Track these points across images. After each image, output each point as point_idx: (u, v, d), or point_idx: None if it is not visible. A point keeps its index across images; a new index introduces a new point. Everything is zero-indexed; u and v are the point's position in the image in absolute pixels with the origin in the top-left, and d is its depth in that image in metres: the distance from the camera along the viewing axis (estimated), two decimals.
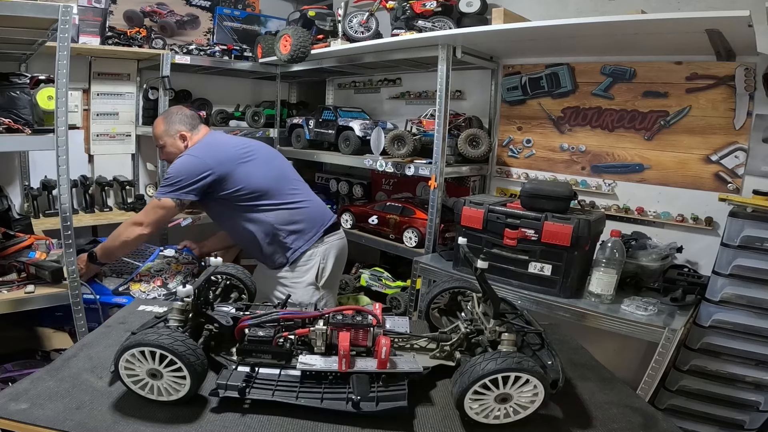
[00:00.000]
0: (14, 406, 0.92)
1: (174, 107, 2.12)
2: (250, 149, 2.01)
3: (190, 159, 1.89)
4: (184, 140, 2.01)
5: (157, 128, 2.02)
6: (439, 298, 1.35)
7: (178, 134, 2.00)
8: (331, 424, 0.93)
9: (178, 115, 2.04)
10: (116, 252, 1.92)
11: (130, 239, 1.88)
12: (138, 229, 1.87)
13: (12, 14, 1.44)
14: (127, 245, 1.91)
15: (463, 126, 2.51)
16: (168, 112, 2.09)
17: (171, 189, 1.85)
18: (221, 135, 2.16)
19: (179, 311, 1.05)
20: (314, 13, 2.61)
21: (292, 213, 1.98)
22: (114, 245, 1.89)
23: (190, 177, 1.84)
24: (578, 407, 1.05)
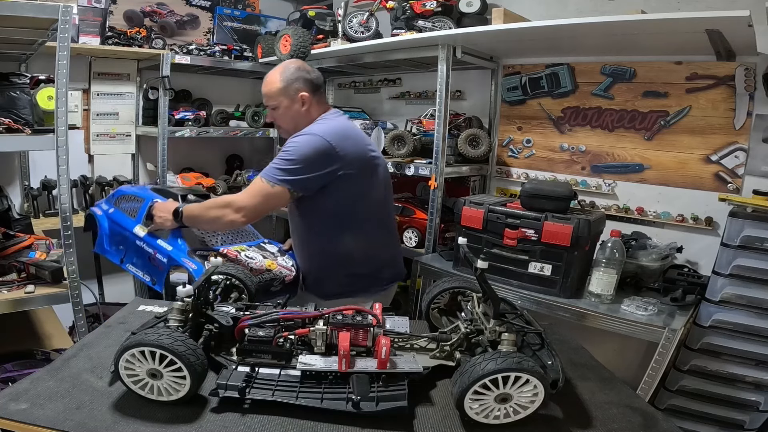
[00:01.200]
0: (14, 406, 0.92)
1: (292, 61, 1.73)
2: (376, 151, 1.67)
3: (319, 141, 1.51)
4: (304, 104, 1.64)
5: (272, 85, 1.65)
6: (439, 298, 1.35)
7: (299, 95, 1.63)
8: (331, 424, 0.93)
9: (301, 71, 1.66)
10: (201, 225, 1.69)
11: (220, 222, 1.59)
12: (234, 215, 1.55)
13: (12, 14, 1.45)
14: (213, 225, 1.66)
15: (463, 126, 2.51)
16: (285, 65, 1.69)
17: (290, 174, 1.49)
18: (348, 121, 1.75)
19: (179, 311, 1.05)
20: (314, 13, 2.61)
21: (379, 249, 1.70)
22: (202, 218, 1.62)
23: (317, 164, 1.50)
24: (578, 407, 1.05)
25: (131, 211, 1.80)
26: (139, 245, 1.73)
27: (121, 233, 1.80)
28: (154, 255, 1.68)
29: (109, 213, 1.88)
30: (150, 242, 1.70)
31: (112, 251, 1.86)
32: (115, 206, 1.88)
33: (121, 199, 1.88)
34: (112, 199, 1.93)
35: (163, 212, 1.65)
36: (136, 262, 1.77)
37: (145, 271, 1.74)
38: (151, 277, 1.72)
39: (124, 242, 1.81)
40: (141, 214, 1.74)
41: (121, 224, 1.79)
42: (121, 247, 1.82)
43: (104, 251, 1.89)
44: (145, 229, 1.71)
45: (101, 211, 1.94)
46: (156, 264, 1.69)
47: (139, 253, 1.74)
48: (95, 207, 1.99)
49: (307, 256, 1.74)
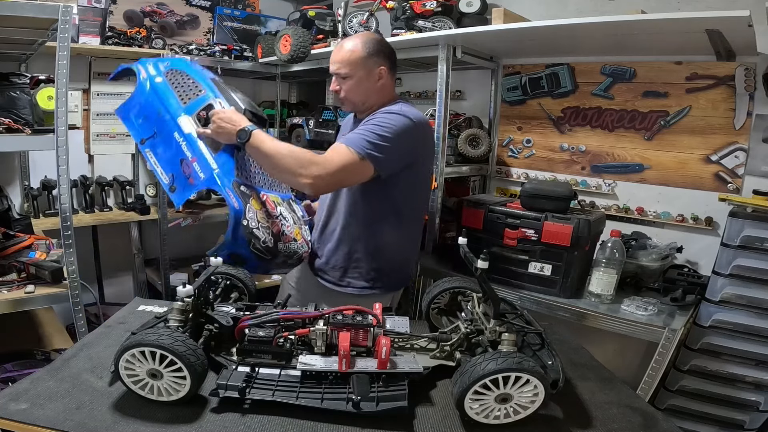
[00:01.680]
0: (14, 406, 0.92)
1: (372, 33, 1.60)
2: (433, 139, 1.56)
3: (412, 125, 1.41)
4: (380, 79, 1.50)
5: (351, 53, 1.48)
6: (439, 298, 1.35)
7: (379, 69, 1.49)
8: (331, 424, 0.93)
9: (383, 44, 1.51)
10: (263, 162, 1.41)
11: (288, 177, 1.39)
12: (307, 180, 1.34)
13: (12, 14, 1.45)
14: (277, 173, 1.41)
15: (463, 126, 2.51)
16: (367, 35, 1.54)
17: (381, 152, 1.35)
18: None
19: (179, 311, 1.05)
20: (314, 13, 2.61)
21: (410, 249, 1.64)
22: (271, 158, 1.36)
23: (406, 148, 1.40)
24: (578, 407, 1.05)
25: (184, 93, 1.47)
26: (176, 139, 1.42)
27: (159, 112, 1.45)
28: (191, 162, 1.38)
29: (155, 81, 1.51)
30: (193, 145, 1.39)
31: (136, 124, 1.51)
32: (166, 77, 1.52)
33: (175, 74, 1.53)
34: (163, 66, 1.55)
35: (226, 122, 1.37)
36: (162, 154, 1.46)
37: (169, 170, 1.45)
38: (173, 182, 1.43)
39: (157, 123, 1.46)
40: (195, 106, 1.43)
41: (165, 102, 1.45)
42: (150, 126, 1.47)
43: (126, 118, 1.54)
44: (193, 125, 1.40)
45: (146, 72, 1.54)
46: (187, 173, 1.39)
47: (171, 148, 1.43)
48: (140, 63, 1.58)
49: (339, 240, 1.57)
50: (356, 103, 1.54)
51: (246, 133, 1.35)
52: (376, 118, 1.43)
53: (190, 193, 1.41)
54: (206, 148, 1.39)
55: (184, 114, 1.43)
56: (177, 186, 1.43)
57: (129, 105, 1.53)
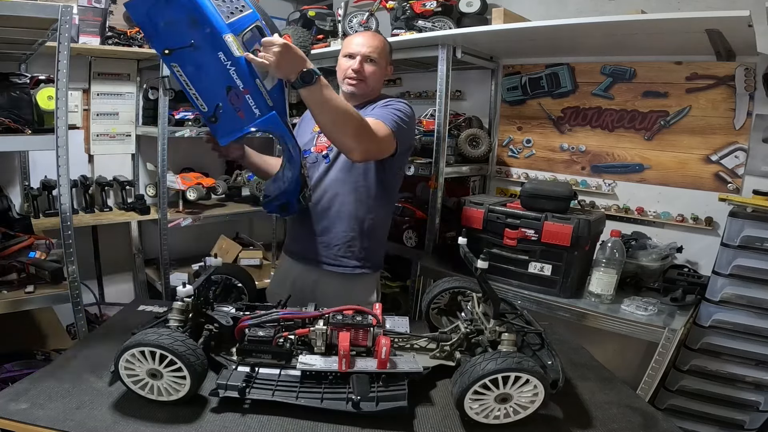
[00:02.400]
0: (14, 406, 0.92)
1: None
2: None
3: (411, 112, 1.55)
4: (386, 76, 1.65)
5: (382, 43, 1.60)
6: (439, 298, 1.35)
7: (390, 67, 1.65)
8: (331, 424, 0.93)
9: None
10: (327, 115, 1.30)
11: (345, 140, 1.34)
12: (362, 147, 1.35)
13: (12, 14, 1.44)
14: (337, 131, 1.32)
15: (463, 126, 2.51)
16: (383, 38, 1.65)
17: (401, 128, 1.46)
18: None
19: (179, 311, 1.05)
20: (314, 13, 2.61)
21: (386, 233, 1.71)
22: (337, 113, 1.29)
23: (411, 130, 1.55)
24: (578, 407, 1.05)
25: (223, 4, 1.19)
26: (221, 60, 1.17)
27: (194, 20, 1.14)
28: (243, 93, 1.19)
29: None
30: (244, 73, 1.17)
31: (158, 26, 1.17)
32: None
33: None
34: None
35: (294, 55, 1.19)
36: (197, 74, 1.20)
37: (209, 98, 1.22)
38: (215, 112, 1.22)
39: (193, 34, 1.16)
40: (240, 25, 1.18)
41: (204, 10, 1.14)
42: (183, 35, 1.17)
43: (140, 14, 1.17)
44: (241, 48, 1.17)
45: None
46: (236, 105, 1.20)
47: (212, 70, 1.18)
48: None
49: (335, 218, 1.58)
50: (370, 87, 1.60)
51: (313, 75, 1.21)
52: (391, 104, 1.52)
53: (239, 131, 1.22)
54: (260, 81, 1.19)
55: (229, 33, 1.15)
56: (220, 118, 1.22)
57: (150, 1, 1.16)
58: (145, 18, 1.17)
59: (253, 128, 1.22)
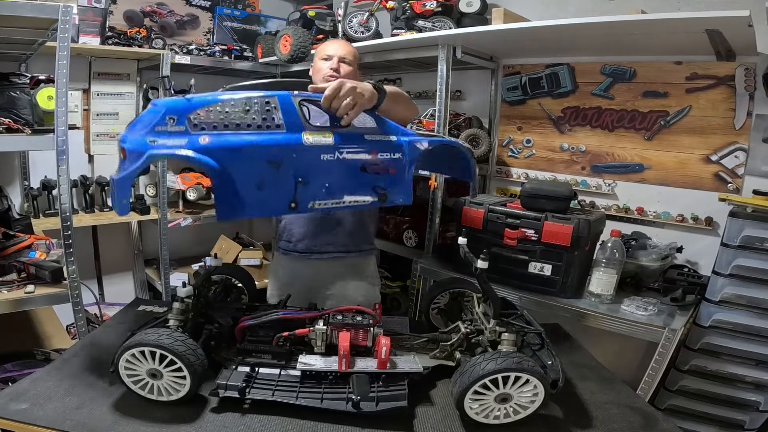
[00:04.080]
0: (14, 406, 0.92)
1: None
2: None
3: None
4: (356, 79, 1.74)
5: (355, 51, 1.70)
6: (439, 298, 1.35)
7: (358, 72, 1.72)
8: (331, 424, 0.93)
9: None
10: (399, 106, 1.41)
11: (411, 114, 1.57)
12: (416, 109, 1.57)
13: (12, 14, 1.44)
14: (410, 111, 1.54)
15: (463, 126, 2.51)
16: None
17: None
18: None
19: (179, 311, 1.05)
20: (314, 13, 2.61)
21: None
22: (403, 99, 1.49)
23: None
24: (578, 407, 1.05)
25: (259, 122, 1.05)
26: (327, 161, 1.09)
27: (271, 161, 1.05)
28: (373, 155, 1.13)
29: (203, 144, 1.01)
30: (357, 143, 1.11)
31: (258, 201, 1.07)
32: (204, 131, 1.03)
33: (209, 116, 1.05)
34: (176, 122, 1.02)
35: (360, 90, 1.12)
36: (332, 188, 1.12)
37: (358, 190, 1.14)
38: (378, 192, 1.16)
39: (282, 173, 1.07)
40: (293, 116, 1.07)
41: (260, 145, 1.04)
42: (284, 181, 1.07)
43: (242, 209, 1.06)
44: (326, 134, 1.08)
45: (181, 148, 1.00)
46: (380, 169, 1.14)
47: (334, 172, 1.10)
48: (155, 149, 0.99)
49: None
50: None
51: (380, 86, 1.20)
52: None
53: (408, 178, 1.18)
54: (370, 134, 1.14)
55: (301, 134, 1.07)
56: (387, 190, 1.16)
57: (224, 199, 1.05)
58: (243, 206, 1.06)
59: (412, 169, 1.19)
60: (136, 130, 1.01)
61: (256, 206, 1.07)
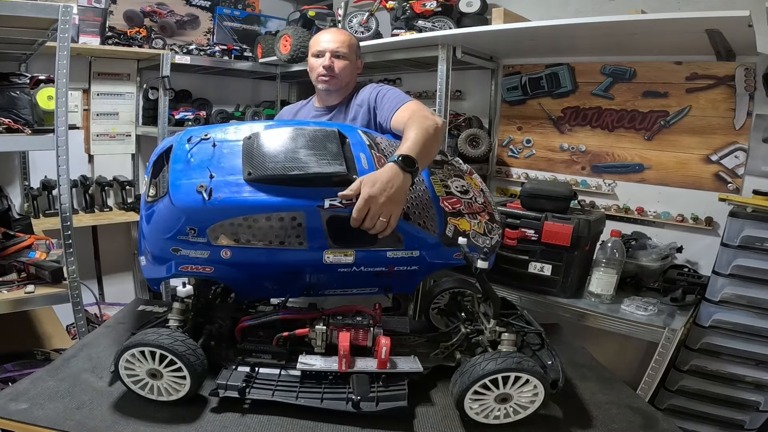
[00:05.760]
0: (14, 406, 0.92)
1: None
2: None
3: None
4: (358, 69, 1.66)
5: (348, 37, 1.60)
6: (439, 298, 1.35)
7: (359, 61, 1.66)
8: (331, 424, 0.93)
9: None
10: (431, 154, 1.21)
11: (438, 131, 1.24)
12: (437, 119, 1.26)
13: (12, 14, 1.44)
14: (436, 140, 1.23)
15: (463, 126, 2.51)
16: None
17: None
18: None
19: (179, 311, 1.05)
20: (314, 13, 2.61)
21: None
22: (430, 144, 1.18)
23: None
24: (578, 407, 1.05)
25: (284, 240, 1.02)
26: (341, 272, 1.10)
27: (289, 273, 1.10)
28: (390, 270, 1.12)
29: (225, 258, 1.03)
30: (376, 260, 1.10)
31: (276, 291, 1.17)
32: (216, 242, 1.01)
33: (231, 230, 1.00)
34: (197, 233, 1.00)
35: (393, 196, 1.02)
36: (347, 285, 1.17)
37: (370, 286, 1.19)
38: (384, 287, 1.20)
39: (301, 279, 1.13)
40: (317, 234, 1.03)
41: (283, 263, 1.06)
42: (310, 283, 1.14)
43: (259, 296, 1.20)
44: (348, 252, 1.06)
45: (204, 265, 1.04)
46: (392, 274, 1.14)
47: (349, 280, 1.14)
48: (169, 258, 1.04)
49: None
50: (344, 81, 1.59)
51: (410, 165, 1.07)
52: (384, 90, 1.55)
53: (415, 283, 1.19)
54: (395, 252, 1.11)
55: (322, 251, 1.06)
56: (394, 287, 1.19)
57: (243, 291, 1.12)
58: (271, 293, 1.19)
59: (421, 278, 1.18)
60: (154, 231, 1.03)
61: (272, 293, 1.18)
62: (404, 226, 1.08)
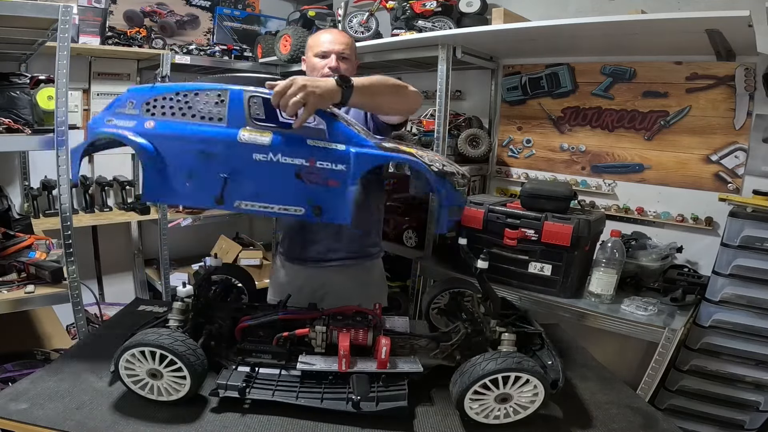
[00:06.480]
0: (14, 406, 0.92)
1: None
2: None
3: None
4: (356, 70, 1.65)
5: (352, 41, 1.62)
6: (439, 298, 1.35)
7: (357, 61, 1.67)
8: (331, 424, 0.93)
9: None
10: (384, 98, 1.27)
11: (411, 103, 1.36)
12: (406, 84, 1.35)
13: (12, 14, 1.44)
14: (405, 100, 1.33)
15: (463, 126, 2.51)
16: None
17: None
18: None
19: (179, 311, 1.05)
20: (314, 13, 2.61)
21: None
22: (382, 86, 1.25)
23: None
24: (578, 407, 1.05)
25: (204, 114, 1.06)
26: (262, 161, 1.04)
27: (203, 152, 1.05)
28: (312, 165, 1.04)
29: (147, 129, 1.07)
30: (292, 146, 1.04)
31: (186, 191, 1.08)
32: (154, 116, 1.08)
33: (159, 104, 1.08)
34: (132, 106, 1.09)
35: (317, 82, 1.06)
36: (261, 191, 1.07)
37: (288, 199, 1.08)
38: (312, 204, 1.07)
39: (212, 167, 1.06)
40: (237, 111, 1.06)
41: (196, 136, 1.05)
42: (214, 175, 1.06)
43: (166, 195, 1.11)
44: (265, 133, 1.04)
45: (125, 129, 1.08)
46: (317, 179, 1.05)
47: (266, 175, 1.05)
48: (104, 129, 1.11)
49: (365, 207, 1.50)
50: None
51: (346, 81, 1.09)
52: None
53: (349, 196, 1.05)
54: (313, 139, 1.05)
55: (239, 130, 1.04)
56: (321, 203, 1.07)
57: (152, 182, 1.09)
58: (166, 193, 1.10)
59: (353, 185, 1.05)
60: (105, 111, 1.11)
61: (182, 195, 1.09)
62: (328, 120, 1.07)
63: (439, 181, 1.06)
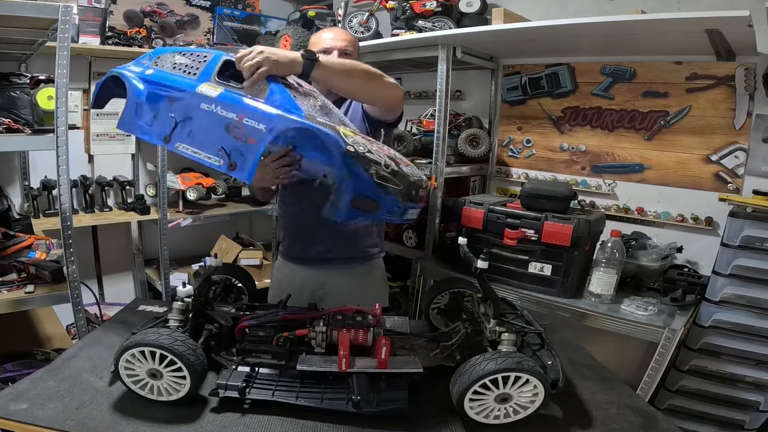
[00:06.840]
0: (14, 406, 0.92)
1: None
2: None
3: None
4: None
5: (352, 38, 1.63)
6: (439, 298, 1.35)
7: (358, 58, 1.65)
8: (331, 424, 0.93)
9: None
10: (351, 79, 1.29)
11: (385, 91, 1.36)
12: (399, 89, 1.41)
13: (12, 14, 1.44)
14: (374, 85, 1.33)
15: (463, 126, 2.51)
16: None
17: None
18: None
19: (179, 311, 1.05)
20: (314, 13, 2.61)
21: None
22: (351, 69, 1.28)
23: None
24: (578, 407, 1.05)
25: (187, 68, 1.23)
26: (205, 110, 1.16)
27: (169, 97, 1.20)
28: (240, 121, 1.12)
29: (146, 74, 1.26)
30: (231, 102, 1.13)
31: (148, 126, 1.23)
32: (156, 67, 1.28)
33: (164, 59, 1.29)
34: (146, 59, 1.32)
35: (276, 51, 1.16)
36: (197, 137, 1.18)
37: (215, 149, 1.15)
38: (229, 157, 1.14)
39: (172, 110, 1.19)
40: (208, 71, 1.20)
41: (171, 85, 1.20)
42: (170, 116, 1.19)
43: (133, 128, 1.26)
44: (218, 88, 1.16)
45: (131, 72, 1.29)
46: (241, 135, 1.13)
47: (204, 123, 1.16)
48: (119, 69, 1.32)
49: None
50: None
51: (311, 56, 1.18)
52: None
53: (257, 155, 1.10)
54: (250, 98, 1.13)
55: (201, 84, 1.17)
56: (238, 160, 1.13)
57: (129, 113, 1.25)
58: (136, 126, 1.24)
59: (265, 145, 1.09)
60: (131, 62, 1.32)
61: (145, 130, 1.23)
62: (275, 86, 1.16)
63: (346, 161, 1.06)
